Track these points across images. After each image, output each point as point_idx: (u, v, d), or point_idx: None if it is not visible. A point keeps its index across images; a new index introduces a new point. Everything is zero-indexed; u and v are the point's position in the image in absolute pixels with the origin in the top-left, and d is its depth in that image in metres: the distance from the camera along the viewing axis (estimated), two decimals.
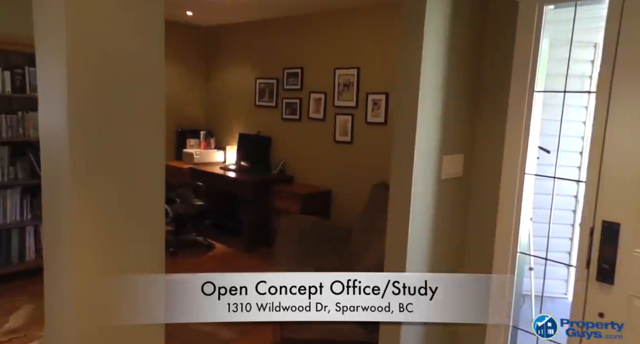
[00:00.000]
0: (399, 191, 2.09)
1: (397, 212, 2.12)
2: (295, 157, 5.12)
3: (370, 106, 4.32)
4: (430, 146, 2.09)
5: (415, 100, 1.95)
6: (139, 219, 1.40)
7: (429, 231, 2.19)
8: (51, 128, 1.34)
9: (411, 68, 1.97)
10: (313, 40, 4.86)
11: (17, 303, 3.47)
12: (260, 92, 5.45)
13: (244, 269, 4.49)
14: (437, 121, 2.11)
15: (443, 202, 2.24)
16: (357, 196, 4.47)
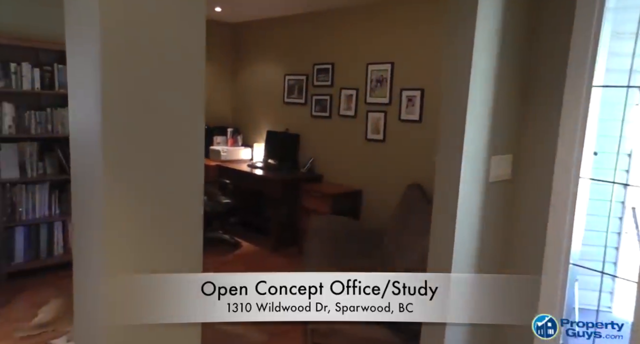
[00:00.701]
0: (445, 194, 1.93)
1: (442, 217, 1.95)
2: (325, 156, 4.98)
3: (405, 103, 4.14)
4: (478, 146, 1.92)
5: (464, 95, 1.79)
6: (176, 217, 1.32)
7: (476, 239, 2.02)
8: (83, 125, 1.24)
9: (461, 60, 1.81)
10: (344, 35, 4.70)
11: (45, 297, 3.44)
12: (289, 88, 5.32)
13: (270, 269, 4.37)
14: (487, 118, 1.94)
15: (490, 207, 2.07)
16: (388, 196, 4.30)
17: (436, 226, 2.01)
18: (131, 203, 1.22)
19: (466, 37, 1.78)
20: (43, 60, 3.81)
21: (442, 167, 1.93)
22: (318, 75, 4.96)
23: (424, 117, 4.02)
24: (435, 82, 3.88)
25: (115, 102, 1.15)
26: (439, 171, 1.96)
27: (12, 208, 3.65)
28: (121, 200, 1.20)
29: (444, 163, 1.92)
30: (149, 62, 1.20)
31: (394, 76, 4.24)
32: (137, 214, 1.24)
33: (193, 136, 1.31)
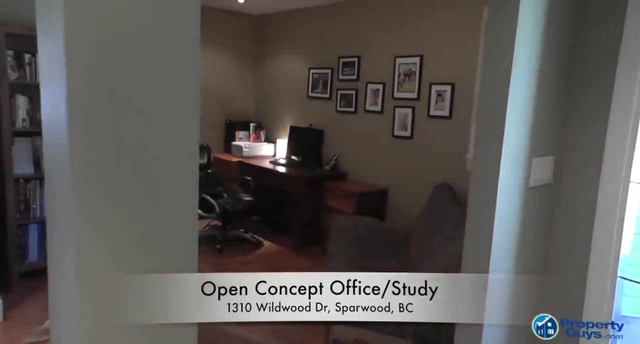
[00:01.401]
0: (481, 199, 1.74)
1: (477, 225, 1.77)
2: (350, 153, 4.81)
3: (434, 98, 3.93)
4: (518, 147, 1.72)
5: (504, 92, 1.59)
6: (165, 216, 1.17)
7: (514, 248, 1.82)
8: (52, 117, 1.09)
9: (501, 53, 1.61)
10: (371, 27, 4.51)
11: None
12: (313, 82, 5.17)
13: (292, 270, 4.26)
14: (528, 116, 1.73)
15: (530, 214, 1.87)
16: (416, 196, 4.11)
17: (471, 234, 1.82)
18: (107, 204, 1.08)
19: (508, 29, 1.58)
20: None
21: (478, 170, 1.74)
22: (343, 68, 4.78)
23: (454, 113, 3.80)
24: (467, 77, 3.66)
25: (85, 93, 0.98)
26: (475, 174, 1.77)
27: (26, 205, 3.59)
28: (92, 200, 1.05)
29: (480, 166, 1.73)
30: (124, 49, 1.03)
31: (423, 70, 4.03)
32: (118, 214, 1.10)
33: (184, 133, 1.15)
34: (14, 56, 3.44)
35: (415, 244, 3.69)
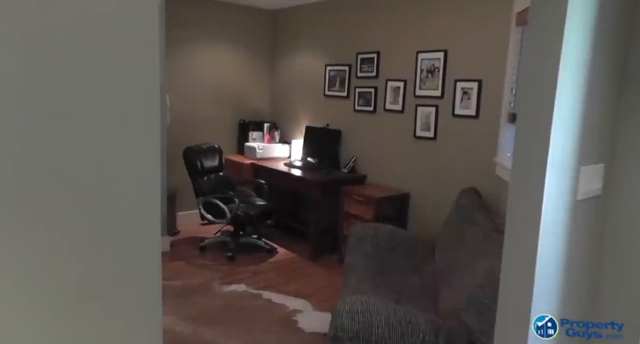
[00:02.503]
0: (522, 215, 1.45)
1: (519, 244, 1.48)
2: (368, 154, 4.53)
3: (459, 96, 3.62)
4: (566, 153, 1.42)
5: (551, 89, 1.30)
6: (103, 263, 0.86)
7: (562, 272, 1.52)
8: None
9: (548, 48, 1.32)
10: (392, 20, 4.21)
11: None
12: (330, 80, 4.90)
13: (307, 280, 4.00)
14: (577, 117, 1.43)
15: (579, 231, 1.57)
16: (440, 201, 3.81)
17: (511, 254, 1.53)
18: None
19: (555, 20, 1.29)
20: None
21: (519, 180, 1.45)
22: (362, 65, 4.49)
23: (482, 112, 3.49)
24: (495, 72, 3.34)
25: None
26: (515, 186, 1.47)
27: None
28: None
29: (520, 175, 1.44)
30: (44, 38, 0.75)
31: (447, 66, 3.72)
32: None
33: (132, 138, 0.84)
34: None
35: (441, 256, 3.39)
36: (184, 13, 4.98)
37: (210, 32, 5.24)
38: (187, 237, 4.93)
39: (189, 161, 4.47)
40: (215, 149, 4.77)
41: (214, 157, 4.73)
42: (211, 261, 4.32)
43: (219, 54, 5.35)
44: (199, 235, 4.88)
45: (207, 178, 4.59)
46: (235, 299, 3.57)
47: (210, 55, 5.28)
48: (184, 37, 5.04)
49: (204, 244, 4.57)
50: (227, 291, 3.70)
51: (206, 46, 5.24)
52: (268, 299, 3.60)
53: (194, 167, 4.47)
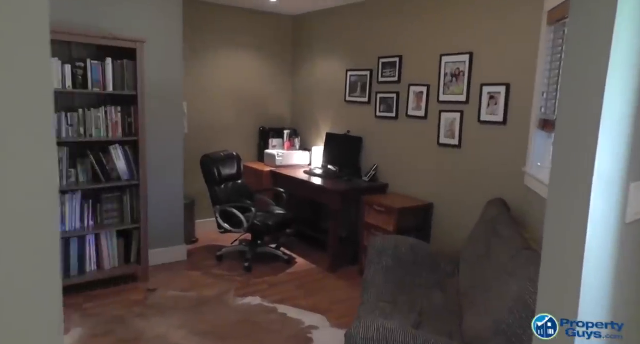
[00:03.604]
0: (564, 238, 1.27)
1: (558, 273, 1.30)
2: (390, 162, 4.35)
3: (485, 101, 3.41)
4: (613, 168, 1.23)
5: (598, 95, 1.12)
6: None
7: (609, 303, 1.33)
8: None
9: (594, 48, 1.14)
10: (414, 22, 4.04)
11: (66, 325, 3.12)
12: (351, 85, 4.74)
13: (325, 293, 3.84)
14: (628, 126, 1.24)
15: (625, 258, 1.36)
16: (465, 213, 3.60)
17: (549, 282, 1.35)
18: None
19: (604, 14, 1.11)
20: (75, 55, 3.51)
21: (559, 198, 1.26)
22: (383, 70, 4.33)
23: (509, 119, 3.28)
24: (524, 76, 3.14)
25: None
26: (554, 205, 1.28)
27: None
28: None
29: (560, 193, 1.26)
30: None
31: (473, 69, 3.52)
32: None
33: None
34: None
35: (465, 272, 3.18)
36: (202, 21, 4.92)
37: (231, 39, 5.16)
38: (205, 245, 4.83)
39: (206, 168, 4.37)
40: (233, 156, 4.67)
41: (232, 165, 4.62)
42: (228, 271, 4.20)
43: (239, 60, 5.26)
44: (217, 243, 4.78)
45: (224, 186, 4.48)
46: (250, 313, 3.43)
47: (230, 62, 5.20)
48: (203, 44, 4.97)
49: (221, 253, 4.46)
50: (241, 303, 3.57)
51: (226, 53, 5.16)
52: (283, 313, 3.45)
53: (211, 175, 4.37)
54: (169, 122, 4.13)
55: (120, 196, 3.73)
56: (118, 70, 3.57)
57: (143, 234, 3.77)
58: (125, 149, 3.68)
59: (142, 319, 3.24)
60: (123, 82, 3.59)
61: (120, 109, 3.63)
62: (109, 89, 3.54)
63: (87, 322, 3.17)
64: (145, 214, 3.76)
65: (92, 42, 3.44)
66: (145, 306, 3.43)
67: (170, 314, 3.33)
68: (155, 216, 4.04)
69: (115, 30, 3.68)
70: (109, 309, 3.37)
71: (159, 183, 4.07)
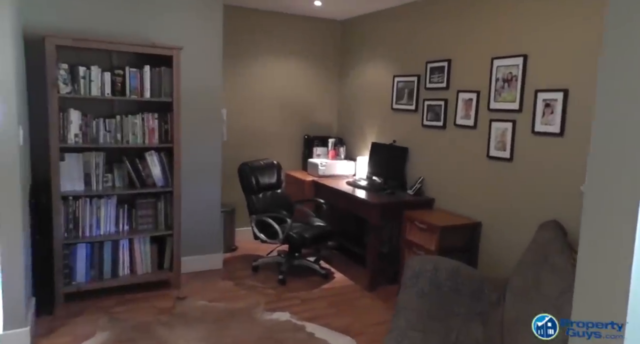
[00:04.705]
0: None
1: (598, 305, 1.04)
2: (437, 175, 4.01)
3: (540, 109, 3.00)
4: None
5: None
6: None
7: None
8: None
9: None
10: (464, 24, 3.69)
11: (94, 328, 3.13)
12: (398, 92, 4.46)
13: (360, 313, 3.59)
14: None
15: None
16: (516, 235, 3.20)
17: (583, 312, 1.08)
18: None
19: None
20: (115, 63, 3.57)
21: (593, 227, 0.98)
22: (431, 75, 4.01)
23: (567, 129, 2.85)
24: (585, 80, 2.72)
25: None
26: (589, 223, 1.00)
27: (75, 223, 3.44)
28: None
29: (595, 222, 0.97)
30: None
31: (527, 73, 3.12)
32: None
33: None
34: (69, 70, 3.31)
35: (511, 302, 2.80)
36: (243, 26, 4.87)
37: (275, 45, 5.08)
38: (243, 254, 4.75)
39: (244, 176, 4.29)
40: (273, 165, 4.56)
41: (272, 173, 4.51)
42: (261, 283, 4.07)
43: (283, 67, 5.16)
44: (256, 253, 4.68)
45: (262, 195, 4.38)
46: (276, 329, 3.26)
47: (274, 68, 5.12)
48: (245, 50, 4.93)
49: (257, 263, 4.35)
50: (269, 319, 3.41)
51: (270, 59, 5.08)
52: (311, 333, 3.24)
53: (248, 184, 4.28)
54: (207, 129, 4.10)
55: (155, 202, 3.73)
56: (155, 78, 3.58)
57: (176, 241, 3.75)
58: (161, 156, 3.68)
59: (166, 328, 3.19)
60: (160, 89, 3.60)
61: (157, 115, 3.63)
62: (146, 96, 3.56)
63: (113, 327, 3.17)
64: (178, 221, 3.73)
65: (131, 50, 3.49)
66: (172, 315, 3.39)
67: (195, 325, 3.25)
68: (191, 223, 4.01)
69: (156, 37, 3.71)
70: (136, 315, 3.36)
71: (195, 190, 4.05)
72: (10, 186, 2.70)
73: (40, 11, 3.38)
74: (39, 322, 3.17)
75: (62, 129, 3.29)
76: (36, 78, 3.28)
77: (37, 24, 3.31)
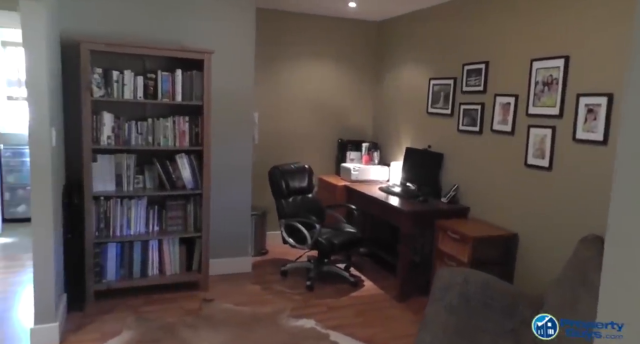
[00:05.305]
0: None
1: None
2: (472, 183, 3.82)
3: (583, 115, 2.78)
4: None
5: None
6: None
7: None
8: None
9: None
10: (502, 24, 3.50)
11: (120, 326, 3.19)
12: (433, 96, 4.30)
13: (387, 324, 3.47)
14: None
15: None
16: (555, 248, 3.00)
17: None
18: None
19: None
20: (148, 67, 3.63)
21: None
22: (468, 78, 3.83)
23: (612, 137, 2.62)
24: None
25: None
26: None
27: (106, 223, 3.52)
28: None
29: None
30: None
31: (569, 76, 2.91)
32: None
33: None
34: (102, 74, 3.40)
35: (547, 321, 2.60)
36: (277, 29, 4.86)
37: (309, 47, 5.03)
38: (274, 258, 4.73)
39: (274, 180, 4.26)
40: (305, 169, 4.51)
41: (303, 178, 4.46)
42: (289, 288, 4.03)
43: (318, 69, 5.11)
44: (286, 257, 4.64)
45: (292, 199, 4.34)
46: (299, 337, 3.21)
47: (308, 71, 5.07)
48: (278, 53, 4.91)
49: (285, 268, 4.31)
50: (293, 325, 3.36)
51: (304, 62, 5.05)
52: (334, 342, 3.16)
53: (277, 187, 4.25)
54: (238, 132, 4.11)
55: (185, 204, 3.77)
56: (187, 81, 3.62)
57: (204, 243, 3.77)
58: (191, 158, 3.71)
59: (191, 330, 3.20)
60: (191, 92, 3.64)
61: (188, 118, 3.67)
62: (178, 99, 3.60)
63: (139, 326, 3.21)
64: (207, 223, 3.75)
65: (163, 54, 3.54)
66: (197, 317, 3.40)
67: (220, 329, 3.24)
68: (220, 225, 4.03)
69: (188, 41, 3.75)
70: (163, 315, 3.39)
71: (225, 193, 4.06)
72: (42, 186, 2.79)
73: (77, 18, 3.49)
74: (70, 318, 3.27)
75: (95, 131, 3.39)
76: (72, 82, 3.39)
77: (73, 30, 3.42)
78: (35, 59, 2.69)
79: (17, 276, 4.05)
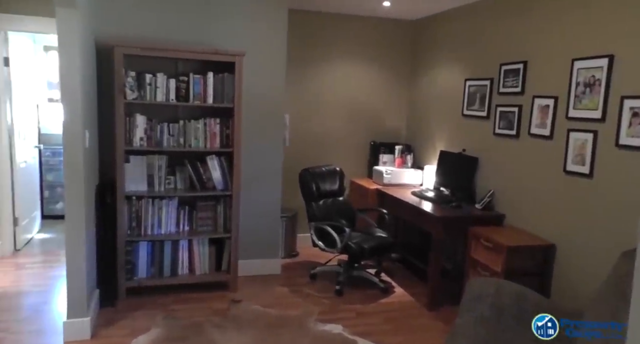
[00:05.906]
0: None
1: None
2: (508, 189, 3.65)
3: (627, 118, 2.59)
4: None
5: None
6: None
7: None
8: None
9: None
10: (542, 21, 3.32)
11: (149, 324, 3.25)
12: (469, 97, 4.15)
13: (417, 333, 3.38)
14: None
15: None
16: (596, 261, 2.82)
17: None
18: None
19: None
20: (181, 70, 3.69)
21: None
22: (505, 78, 3.67)
23: None
24: None
25: None
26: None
27: (137, 222, 3.60)
28: None
29: None
30: None
31: (612, 77, 2.72)
32: None
33: None
34: (135, 77, 3.48)
35: (584, 341, 2.44)
36: (309, 30, 4.83)
37: (342, 48, 4.98)
38: (304, 261, 4.71)
39: (304, 183, 4.24)
40: (336, 172, 4.46)
41: (334, 180, 4.41)
42: (317, 292, 3.99)
43: (351, 70, 5.05)
44: (316, 260, 4.61)
45: (323, 202, 4.29)
46: (326, 342, 3.16)
47: (340, 72, 5.02)
48: (310, 54, 4.89)
49: (315, 271, 4.28)
50: (320, 330, 3.32)
51: (336, 63, 4.99)
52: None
53: (308, 190, 4.22)
54: (269, 134, 4.11)
55: (215, 205, 3.81)
56: (218, 84, 3.65)
57: (233, 244, 3.80)
58: (222, 160, 3.75)
59: (218, 330, 3.22)
60: (223, 94, 3.67)
61: (219, 120, 3.71)
62: (209, 102, 3.64)
63: (167, 324, 3.26)
64: (236, 224, 3.78)
65: (195, 57, 3.59)
66: (225, 317, 3.42)
67: (246, 330, 3.25)
68: (250, 227, 4.04)
69: (220, 44, 3.78)
70: (191, 314, 3.44)
71: (255, 195, 4.07)
72: (75, 185, 2.88)
73: (111, 22, 3.60)
74: (102, 313, 3.36)
75: (128, 132, 3.48)
76: (107, 85, 3.49)
77: (107, 34, 3.53)
78: (69, 62, 2.78)
79: (55, 270, 4.22)
